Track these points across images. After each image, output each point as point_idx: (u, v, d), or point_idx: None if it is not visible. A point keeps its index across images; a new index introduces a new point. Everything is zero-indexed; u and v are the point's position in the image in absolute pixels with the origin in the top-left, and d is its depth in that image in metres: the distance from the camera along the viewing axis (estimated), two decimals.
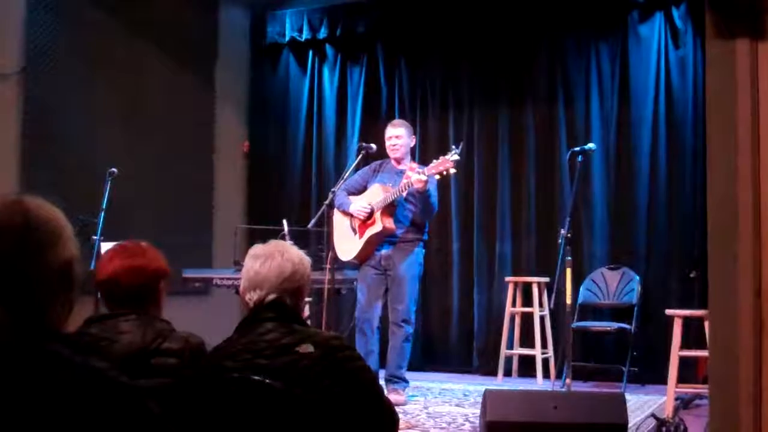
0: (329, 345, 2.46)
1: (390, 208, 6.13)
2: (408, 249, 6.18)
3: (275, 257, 2.58)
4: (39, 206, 1.53)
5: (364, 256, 6.23)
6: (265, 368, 2.36)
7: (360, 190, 6.37)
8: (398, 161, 6.33)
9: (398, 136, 6.32)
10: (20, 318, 1.44)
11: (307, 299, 6.58)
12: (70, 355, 1.43)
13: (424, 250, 6.34)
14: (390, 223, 6.12)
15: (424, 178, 5.82)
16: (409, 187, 5.93)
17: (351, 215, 6.27)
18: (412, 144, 6.47)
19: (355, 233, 6.26)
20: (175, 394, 2.40)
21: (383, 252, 6.18)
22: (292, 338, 2.44)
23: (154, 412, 1.45)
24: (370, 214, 6.16)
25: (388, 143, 6.34)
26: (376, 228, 6.11)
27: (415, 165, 6.23)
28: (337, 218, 6.32)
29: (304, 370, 2.37)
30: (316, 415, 2.35)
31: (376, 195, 6.19)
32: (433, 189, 6.05)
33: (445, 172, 5.87)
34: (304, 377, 2.36)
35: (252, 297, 2.57)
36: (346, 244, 6.27)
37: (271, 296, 2.55)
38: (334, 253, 6.08)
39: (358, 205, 6.22)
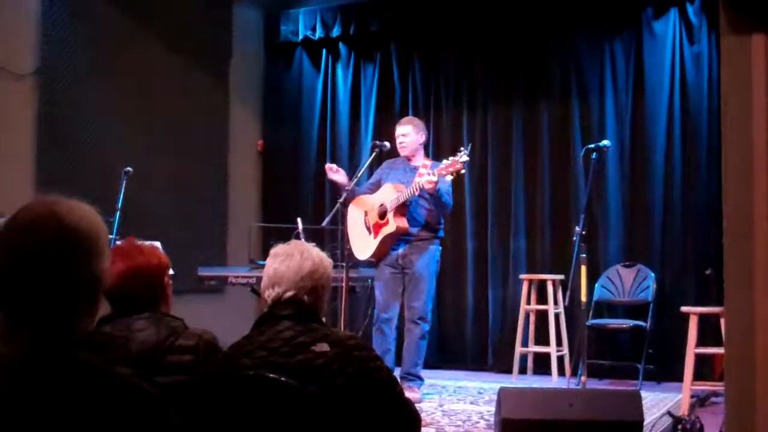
0: (345, 344, 2.46)
1: (402, 208, 6.13)
2: (424, 247, 6.19)
3: (294, 256, 2.61)
4: (73, 216, 1.52)
5: (379, 256, 6.24)
6: (280, 366, 2.36)
7: (375, 189, 6.39)
8: (410, 158, 6.34)
9: (404, 134, 6.33)
10: (51, 327, 1.45)
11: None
12: (98, 362, 1.45)
13: (440, 248, 6.34)
14: (403, 222, 6.12)
15: (434, 179, 5.83)
16: (420, 187, 5.95)
17: (365, 212, 6.29)
18: (422, 140, 6.45)
19: (370, 233, 6.27)
20: (191, 391, 2.41)
21: (400, 251, 6.19)
22: (308, 337, 2.45)
23: (175, 420, 1.46)
24: (383, 215, 6.17)
25: (397, 141, 6.37)
26: (390, 228, 6.12)
27: (428, 162, 6.25)
28: (352, 216, 6.32)
29: (318, 368, 2.37)
30: (331, 413, 2.35)
31: (388, 195, 6.19)
32: (446, 187, 6.05)
33: (455, 173, 5.88)
34: (318, 376, 2.36)
35: (270, 294, 2.59)
36: (361, 243, 6.28)
37: (289, 293, 2.57)
38: (350, 251, 6.10)
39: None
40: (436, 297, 7.49)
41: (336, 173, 6.30)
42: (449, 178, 5.91)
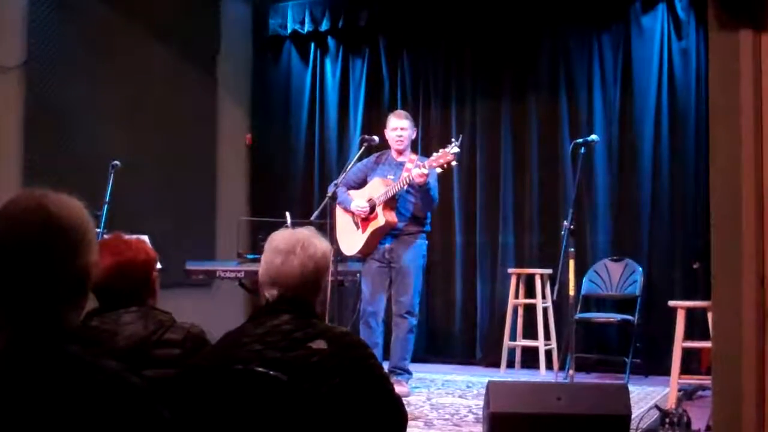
0: (342, 342, 2.46)
1: (391, 202, 6.13)
2: (411, 241, 6.19)
3: (297, 253, 2.53)
4: (61, 208, 1.52)
5: (367, 251, 6.23)
6: (275, 361, 2.36)
7: (360, 183, 6.37)
8: (399, 153, 6.33)
9: (404, 128, 6.31)
10: (39, 320, 1.45)
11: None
12: (86, 356, 1.45)
13: (427, 242, 6.34)
14: (392, 216, 6.12)
15: (425, 171, 5.83)
16: (409, 180, 5.93)
17: (351, 212, 6.28)
18: (414, 136, 6.48)
19: (358, 228, 6.26)
20: (179, 385, 2.41)
21: (387, 245, 6.18)
22: (306, 333, 2.45)
23: (163, 414, 1.46)
24: (372, 209, 6.16)
25: (392, 134, 6.33)
26: (379, 222, 6.11)
27: (415, 157, 6.24)
28: (340, 212, 6.33)
29: (315, 365, 2.37)
30: (323, 409, 2.35)
31: (377, 189, 6.18)
32: (433, 181, 6.06)
33: (446, 165, 5.87)
34: (314, 372, 2.36)
35: (272, 293, 2.55)
36: (349, 238, 6.27)
37: (291, 293, 2.53)
38: (337, 247, 6.09)
39: (358, 203, 6.21)
40: (424, 291, 7.50)
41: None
42: (439, 170, 5.91)
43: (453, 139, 5.97)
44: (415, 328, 6.24)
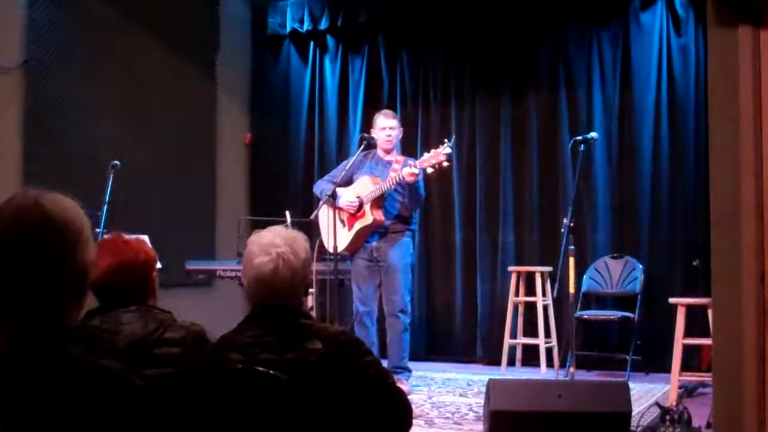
0: (337, 341, 2.46)
1: (379, 201, 6.13)
2: (397, 239, 6.18)
3: (280, 269, 2.48)
4: (57, 207, 1.52)
5: (353, 249, 6.23)
6: (271, 363, 2.36)
7: (347, 182, 6.35)
8: (387, 151, 6.33)
9: (392, 127, 6.34)
10: (38, 319, 1.45)
11: (309, 290, 6.63)
12: (85, 356, 1.44)
13: (412, 241, 6.36)
14: (380, 215, 6.12)
15: (416, 171, 5.84)
16: (399, 180, 5.94)
17: (340, 208, 6.26)
18: (400, 135, 6.49)
19: (344, 225, 6.25)
20: (179, 384, 2.41)
21: (374, 243, 6.18)
22: (300, 334, 2.44)
23: (163, 413, 1.46)
24: (360, 207, 6.16)
25: (382, 134, 6.32)
26: (366, 220, 6.11)
27: (402, 158, 6.25)
28: (324, 210, 6.26)
29: (311, 365, 2.37)
30: (324, 409, 2.35)
31: (365, 187, 6.18)
32: (420, 180, 6.06)
33: (437, 166, 5.87)
34: (311, 373, 2.36)
35: (257, 299, 2.53)
36: (336, 235, 6.25)
37: (279, 304, 2.52)
38: (334, 244, 6.07)
39: (347, 197, 6.21)
40: (425, 289, 7.52)
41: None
42: (430, 170, 5.91)
43: (446, 140, 5.97)
44: (408, 326, 6.23)
